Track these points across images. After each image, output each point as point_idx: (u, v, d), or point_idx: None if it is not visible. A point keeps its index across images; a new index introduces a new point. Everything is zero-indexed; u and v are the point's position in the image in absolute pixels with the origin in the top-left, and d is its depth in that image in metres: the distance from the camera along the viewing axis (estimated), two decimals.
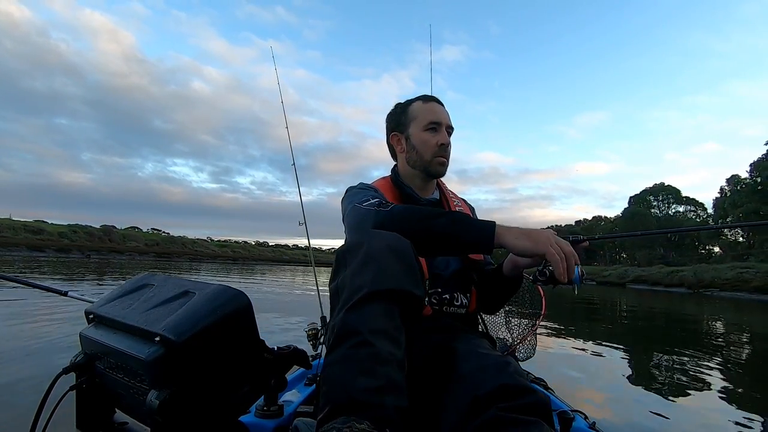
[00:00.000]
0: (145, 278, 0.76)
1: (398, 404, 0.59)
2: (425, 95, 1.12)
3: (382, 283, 0.66)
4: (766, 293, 18.12)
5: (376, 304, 0.65)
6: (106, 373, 0.66)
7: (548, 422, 0.62)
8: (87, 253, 36.81)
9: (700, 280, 22.49)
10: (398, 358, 0.63)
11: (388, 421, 0.57)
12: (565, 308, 8.66)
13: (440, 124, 1.06)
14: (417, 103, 1.10)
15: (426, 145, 1.05)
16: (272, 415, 0.86)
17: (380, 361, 0.60)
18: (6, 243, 33.39)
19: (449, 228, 0.81)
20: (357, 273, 0.68)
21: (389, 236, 0.74)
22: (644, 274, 28.52)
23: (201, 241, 71.93)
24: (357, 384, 0.58)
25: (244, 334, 0.66)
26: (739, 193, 35.19)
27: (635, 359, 3.85)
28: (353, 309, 0.64)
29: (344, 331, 0.63)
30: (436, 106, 1.09)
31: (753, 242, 34.35)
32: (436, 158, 1.05)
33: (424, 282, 0.75)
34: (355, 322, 0.63)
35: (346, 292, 0.67)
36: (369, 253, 0.70)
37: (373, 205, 0.90)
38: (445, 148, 1.05)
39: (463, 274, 1.04)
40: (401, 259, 0.70)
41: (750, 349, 4.92)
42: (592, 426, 1.02)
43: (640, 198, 51.80)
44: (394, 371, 0.61)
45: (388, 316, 0.65)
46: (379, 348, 0.61)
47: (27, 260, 17.16)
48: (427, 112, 1.07)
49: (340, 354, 0.62)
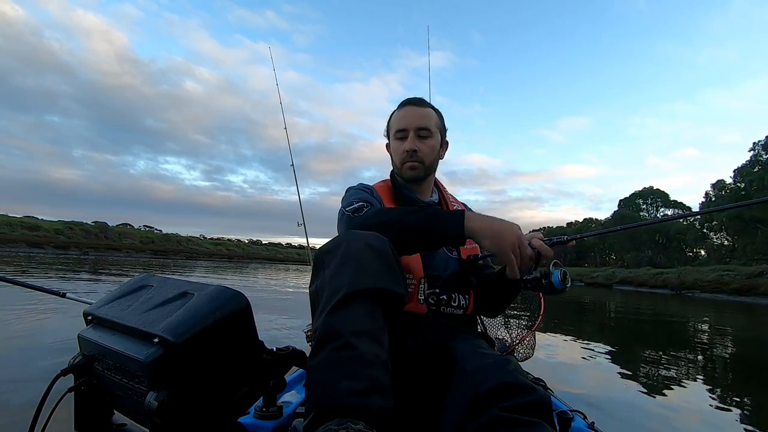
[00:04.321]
0: (143, 279, 0.76)
1: (384, 405, 0.59)
2: (404, 100, 1.12)
3: (361, 282, 0.66)
4: (744, 295, 18.68)
5: (357, 304, 0.64)
6: (104, 374, 0.66)
7: (549, 422, 0.62)
8: (85, 250, 36.62)
9: (682, 282, 23.11)
10: (382, 359, 0.63)
11: (374, 424, 0.56)
12: (560, 309, 8.76)
13: (406, 130, 1.06)
14: (396, 110, 1.12)
15: (396, 152, 1.08)
16: (271, 416, 0.85)
17: (364, 363, 0.60)
18: (5, 239, 33.19)
19: (421, 223, 0.83)
20: (336, 274, 0.67)
21: (367, 235, 0.74)
22: (631, 276, 29.02)
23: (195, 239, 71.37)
24: (341, 387, 0.57)
25: (242, 335, 0.66)
26: (724, 197, 36.03)
27: (632, 360, 3.88)
28: (334, 311, 0.64)
29: (326, 334, 0.62)
30: (405, 110, 1.09)
31: (736, 245, 35.13)
32: (405, 164, 1.06)
33: (405, 279, 0.75)
34: (336, 324, 0.62)
35: (326, 293, 0.66)
36: (347, 253, 0.69)
37: (352, 210, 0.92)
38: (410, 154, 1.05)
39: (461, 275, 1.04)
40: (380, 257, 0.70)
41: (733, 349, 5.01)
42: (591, 426, 1.02)
43: (630, 201, 52.56)
44: (378, 373, 0.61)
45: (370, 317, 0.64)
46: (362, 350, 0.60)
47: (27, 258, 16.78)
48: (396, 120, 1.09)
49: (323, 357, 0.61)
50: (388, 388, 0.61)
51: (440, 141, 1.11)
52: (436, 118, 1.10)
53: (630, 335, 5.86)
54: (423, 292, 0.96)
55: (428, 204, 1.12)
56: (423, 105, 1.10)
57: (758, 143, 33.62)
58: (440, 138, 1.11)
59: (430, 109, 1.10)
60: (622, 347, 4.51)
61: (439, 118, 1.12)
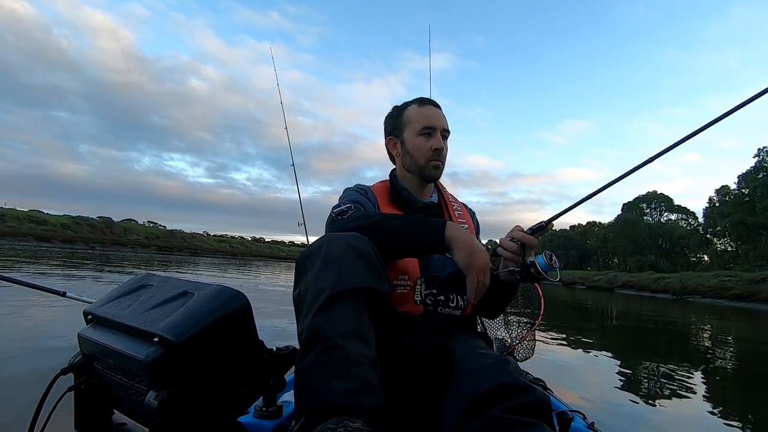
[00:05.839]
0: (143, 279, 0.76)
1: (374, 403, 0.59)
2: (421, 98, 1.10)
3: (345, 282, 0.65)
4: (744, 300, 18.61)
5: (342, 304, 0.64)
6: (104, 373, 0.66)
7: (549, 423, 0.62)
8: (91, 245, 37.00)
9: (683, 287, 23.10)
10: (370, 357, 0.63)
11: (366, 421, 0.56)
12: (561, 311, 8.74)
13: (434, 129, 1.04)
14: (413, 106, 1.09)
15: (420, 150, 1.05)
16: (271, 416, 0.85)
17: (352, 363, 0.60)
18: (14, 233, 33.57)
19: (402, 230, 0.84)
20: (318, 276, 0.67)
21: (347, 236, 0.74)
22: (632, 280, 28.96)
23: (199, 236, 71.71)
24: (332, 388, 0.57)
25: (242, 335, 0.66)
26: (727, 203, 35.93)
27: (632, 361, 3.88)
28: (319, 312, 0.63)
29: (312, 337, 0.62)
30: (431, 109, 1.07)
31: (740, 251, 34.99)
32: (431, 162, 1.05)
33: (388, 277, 0.75)
34: (322, 326, 0.62)
35: (310, 296, 0.66)
36: (328, 254, 0.69)
37: (337, 212, 0.93)
38: (439, 153, 1.04)
39: (460, 276, 1.01)
40: (362, 256, 0.70)
41: (734, 356, 4.99)
42: (590, 426, 1.02)
43: (633, 205, 52.43)
44: (366, 372, 0.61)
45: (355, 316, 0.64)
46: (349, 350, 0.60)
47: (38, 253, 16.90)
48: (421, 117, 1.06)
49: (311, 360, 0.61)
50: (378, 387, 0.61)
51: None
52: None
53: (630, 338, 5.85)
54: (420, 293, 0.96)
55: (426, 205, 1.10)
56: (441, 108, 1.10)
57: (763, 149, 33.56)
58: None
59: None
60: (622, 350, 4.50)
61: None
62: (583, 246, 61.13)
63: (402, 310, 0.93)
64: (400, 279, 0.94)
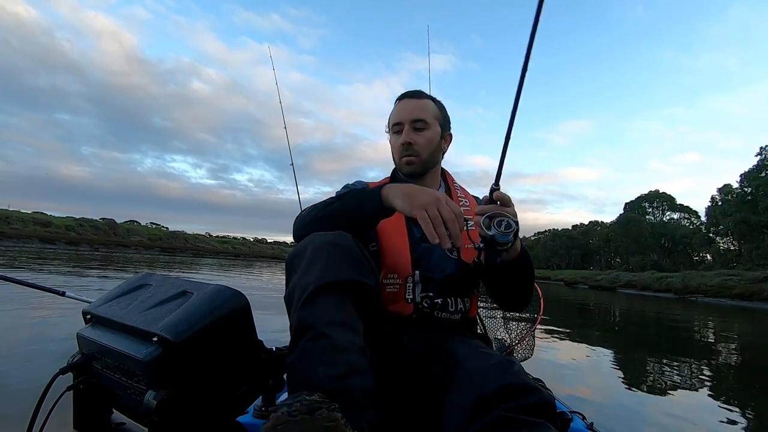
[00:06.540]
0: (143, 278, 0.76)
1: (363, 387, 0.59)
2: (400, 95, 1.08)
3: (329, 276, 0.66)
4: (746, 300, 18.55)
5: (326, 296, 0.65)
6: (103, 373, 0.66)
7: (553, 423, 0.62)
8: (95, 246, 37.22)
9: (686, 286, 22.99)
10: (358, 344, 0.63)
11: (356, 405, 0.56)
12: (562, 311, 8.73)
13: (402, 123, 1.02)
14: (394, 105, 1.08)
15: (393, 147, 1.06)
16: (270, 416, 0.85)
17: (339, 349, 0.60)
18: (19, 235, 33.83)
19: (345, 206, 0.84)
20: (305, 273, 0.68)
21: (330, 234, 0.75)
22: (634, 279, 28.85)
23: (201, 237, 71.85)
24: (318, 374, 0.57)
25: (242, 335, 0.66)
26: (730, 202, 35.80)
27: (631, 361, 3.87)
28: (304, 306, 0.64)
29: (300, 329, 0.63)
30: (401, 104, 1.05)
31: (742, 250, 34.86)
32: (402, 159, 1.02)
33: (374, 271, 0.75)
34: (308, 317, 0.63)
35: (297, 292, 0.67)
36: (313, 252, 0.70)
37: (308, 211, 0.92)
38: (408, 147, 1.01)
39: (460, 277, 0.99)
40: (345, 252, 0.71)
41: (735, 354, 4.98)
42: (590, 427, 1.02)
43: (636, 204, 52.35)
44: (354, 358, 0.61)
45: (341, 307, 0.65)
46: (335, 338, 0.61)
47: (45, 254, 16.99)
48: (392, 115, 1.06)
49: (299, 350, 0.61)
50: (368, 371, 0.61)
51: (440, 133, 1.05)
52: (435, 109, 1.05)
53: (631, 338, 5.83)
54: (411, 292, 0.93)
55: None
56: (420, 96, 1.05)
57: (766, 148, 33.45)
58: (440, 130, 1.05)
59: (427, 100, 1.05)
60: (623, 349, 4.48)
61: (439, 109, 1.07)
62: (586, 245, 60.98)
63: (393, 309, 0.91)
64: (389, 277, 0.93)
